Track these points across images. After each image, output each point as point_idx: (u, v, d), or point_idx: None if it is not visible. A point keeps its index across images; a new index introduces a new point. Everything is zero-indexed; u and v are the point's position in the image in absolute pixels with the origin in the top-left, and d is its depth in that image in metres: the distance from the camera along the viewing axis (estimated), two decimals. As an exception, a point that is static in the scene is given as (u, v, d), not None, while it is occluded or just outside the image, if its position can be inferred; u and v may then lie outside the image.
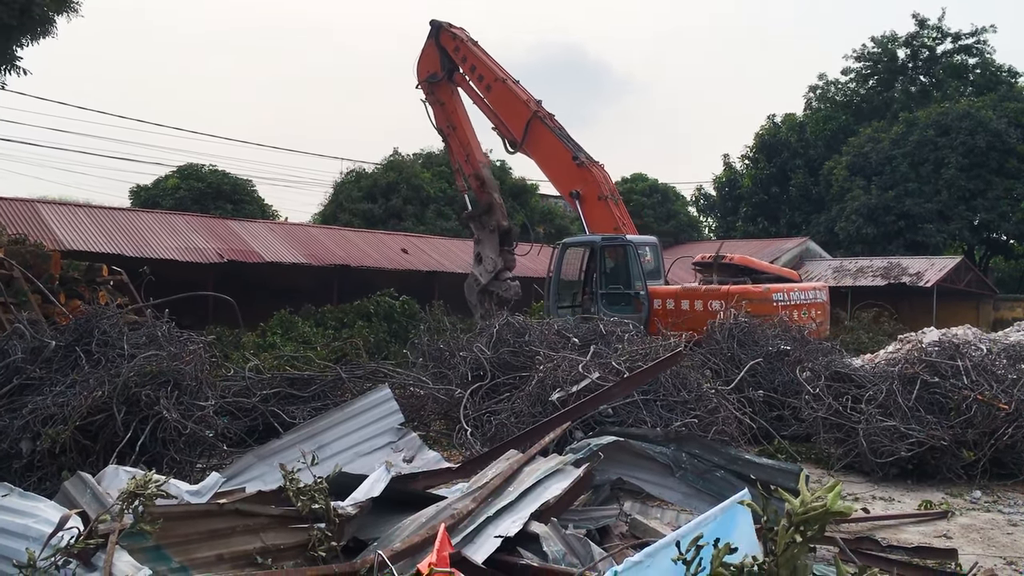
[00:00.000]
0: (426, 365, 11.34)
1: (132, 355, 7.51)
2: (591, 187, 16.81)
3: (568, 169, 17.08)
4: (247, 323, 14.88)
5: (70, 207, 23.95)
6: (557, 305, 16.09)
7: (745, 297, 14.26)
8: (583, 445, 6.03)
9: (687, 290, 15.91)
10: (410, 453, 7.05)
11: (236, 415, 8.55)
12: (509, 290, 18.30)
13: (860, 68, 46.25)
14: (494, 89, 18.06)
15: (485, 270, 18.31)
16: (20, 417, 6.95)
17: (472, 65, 18.46)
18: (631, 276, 15.93)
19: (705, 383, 9.10)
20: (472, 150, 18.90)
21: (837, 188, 39.58)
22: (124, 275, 12.15)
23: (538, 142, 17.58)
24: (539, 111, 17.49)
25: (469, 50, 18.51)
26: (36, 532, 4.00)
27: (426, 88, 19.22)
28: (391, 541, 4.37)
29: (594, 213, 16.79)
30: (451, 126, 19.01)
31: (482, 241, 18.70)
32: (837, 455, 9.03)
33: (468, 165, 18.94)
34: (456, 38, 18.68)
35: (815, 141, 43.88)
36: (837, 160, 40.57)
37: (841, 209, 38.79)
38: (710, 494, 5.75)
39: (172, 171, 36.28)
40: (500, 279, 18.33)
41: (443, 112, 19.07)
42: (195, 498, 4.74)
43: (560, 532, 4.58)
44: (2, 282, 9.90)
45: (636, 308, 15.34)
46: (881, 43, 45.24)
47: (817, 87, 47.62)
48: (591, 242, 16.30)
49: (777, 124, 45.97)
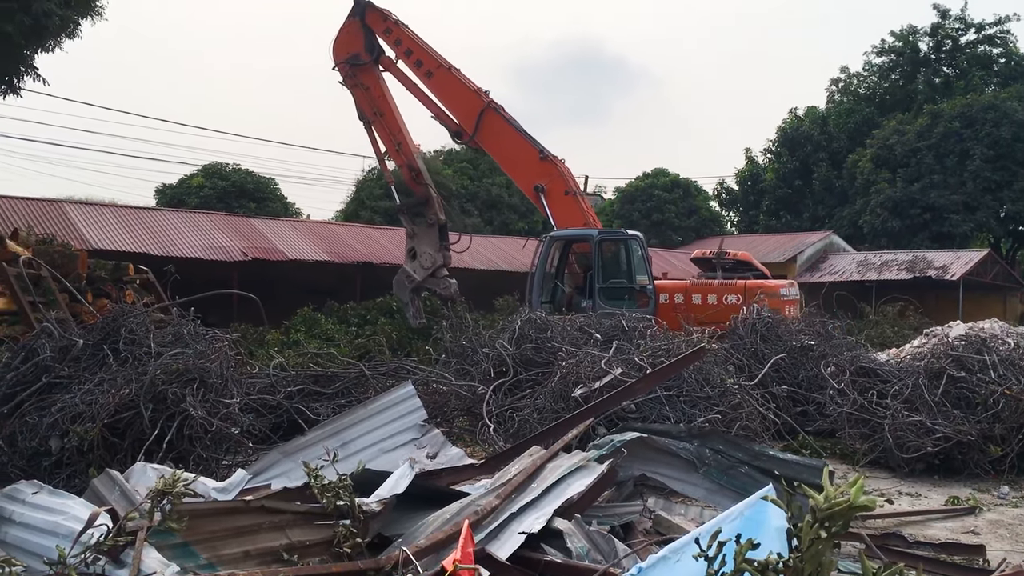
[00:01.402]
0: (449, 361, 11.37)
1: (159, 353, 7.59)
2: (557, 182, 16.47)
3: (531, 163, 16.64)
4: (271, 320, 14.98)
5: (96, 207, 24.19)
6: (540, 300, 15.74)
7: (761, 291, 14.50)
8: (606, 441, 6.03)
9: (697, 284, 15.91)
10: (433, 450, 7.07)
11: (261, 412, 8.63)
12: (448, 288, 17.60)
13: (883, 61, 45.88)
14: (436, 76, 17.16)
15: (421, 266, 17.52)
16: (49, 415, 7.04)
17: (408, 49, 17.41)
18: (634, 270, 15.86)
19: (728, 379, 9.07)
20: (403, 139, 17.81)
21: (861, 181, 39.27)
22: (150, 274, 12.27)
23: (494, 134, 16.95)
24: (492, 102, 16.90)
25: (404, 33, 17.47)
26: (66, 529, 4.05)
27: (345, 70, 17.82)
28: (415, 537, 4.40)
29: (561, 208, 16.43)
30: (378, 112, 17.71)
31: (418, 236, 17.80)
32: (863, 451, 8.97)
33: (399, 155, 17.83)
34: (388, 18, 17.56)
35: (838, 134, 43.55)
36: (861, 153, 40.25)
37: (865, 202, 38.49)
38: (734, 490, 5.73)
39: (197, 170, 36.62)
40: (437, 276, 17.63)
41: (367, 97, 17.74)
42: (222, 495, 4.79)
43: (584, 528, 4.59)
44: (31, 282, 10.03)
45: (639, 303, 15.16)
46: (903, 35, 44.84)
47: (839, 80, 47.30)
48: (587, 236, 15.96)
49: (799, 117, 45.66)
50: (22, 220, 19.57)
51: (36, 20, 11.40)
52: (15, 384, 7.61)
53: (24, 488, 4.52)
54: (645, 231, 40.07)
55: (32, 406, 7.34)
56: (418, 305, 17.80)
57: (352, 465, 5.20)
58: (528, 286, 16.11)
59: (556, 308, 15.75)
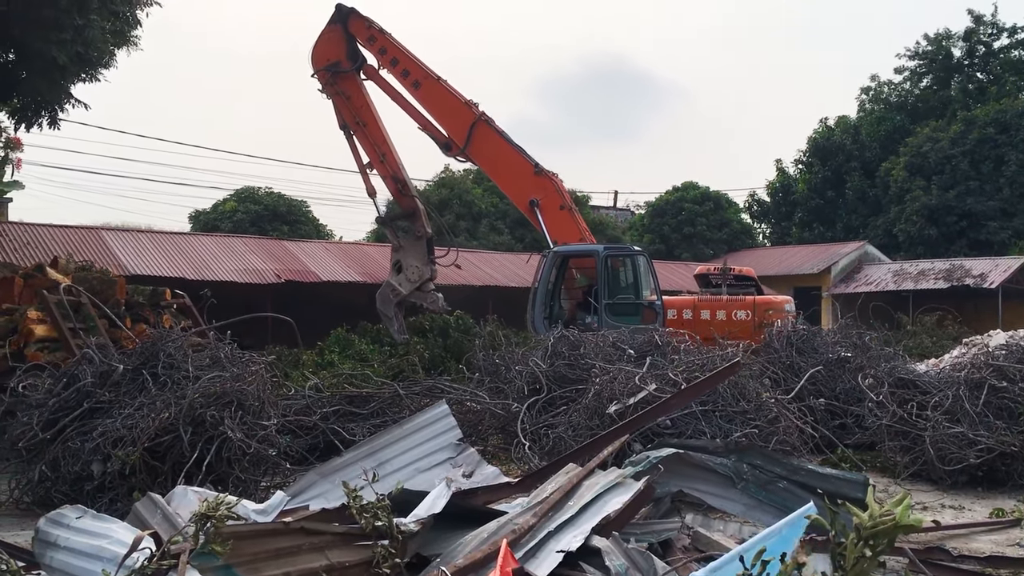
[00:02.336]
0: (482, 380, 11.39)
1: (197, 377, 7.69)
2: (551, 197, 16.35)
3: (526, 177, 16.47)
4: (305, 342, 15.09)
5: (133, 233, 24.56)
6: (543, 316, 15.64)
7: (770, 307, 14.78)
8: (642, 458, 6.00)
9: (706, 300, 15.88)
10: (469, 468, 7.06)
11: (297, 433, 8.71)
12: (436, 302, 17.40)
13: (914, 67, 45.48)
14: (424, 86, 16.82)
15: (407, 280, 17.26)
16: (91, 440, 7.16)
17: (393, 58, 17.03)
18: (641, 286, 15.77)
19: (764, 392, 8.99)
20: (388, 150, 17.37)
21: (895, 190, 38.88)
22: (186, 298, 12.43)
23: (487, 148, 16.71)
24: (483, 114, 16.67)
25: (389, 42, 17.06)
26: (110, 553, 4.11)
27: (324, 78, 17.34)
28: (454, 557, 4.41)
29: (556, 223, 16.30)
30: (360, 122, 17.30)
31: (404, 249, 17.50)
32: (903, 463, 8.85)
33: (384, 166, 17.43)
34: (372, 26, 17.07)
35: (870, 143, 43.17)
36: (894, 161, 39.87)
37: (900, 211, 38.10)
38: (773, 505, 5.68)
39: (229, 194, 37.07)
40: (424, 290, 17.41)
41: (349, 106, 17.30)
42: (261, 517, 4.83)
43: (622, 546, 4.57)
44: (71, 308, 10.20)
45: (646, 318, 15.06)
46: (935, 40, 44.45)
47: (870, 88, 46.97)
48: (593, 251, 15.89)
49: (830, 127, 45.33)
50: (61, 248, 19.93)
51: (86, 48, 11.67)
52: (57, 410, 7.74)
53: (68, 512, 4.59)
54: (676, 245, 40.28)
55: (74, 431, 7.47)
56: (401, 320, 17.56)
57: (388, 485, 5.21)
58: (530, 302, 16.02)
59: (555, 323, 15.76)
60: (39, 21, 10.81)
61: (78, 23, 11.02)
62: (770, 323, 14.03)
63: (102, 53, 12.39)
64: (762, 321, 14.51)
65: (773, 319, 14.32)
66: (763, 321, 14.48)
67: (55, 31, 10.83)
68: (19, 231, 21.44)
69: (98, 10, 11.55)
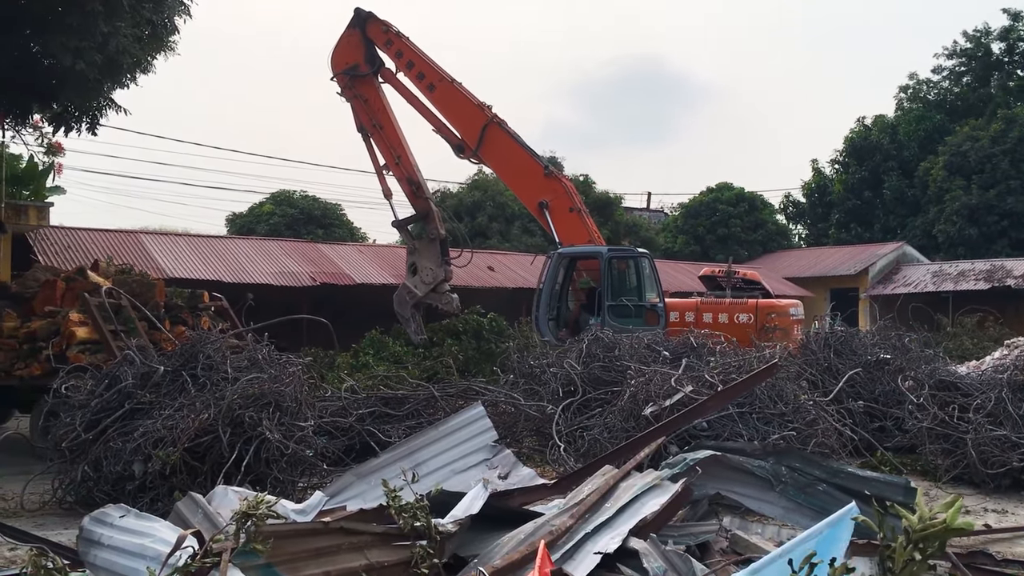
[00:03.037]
0: (517, 382, 11.39)
1: (235, 378, 7.78)
2: (561, 199, 16.29)
3: (536, 179, 16.46)
4: (340, 344, 15.19)
5: (171, 236, 24.88)
6: (547, 318, 15.66)
7: (773, 311, 14.78)
8: (679, 460, 5.97)
9: (708, 302, 15.85)
10: (505, 470, 7.08)
11: (334, 435, 8.76)
12: (451, 303, 17.40)
13: (953, 65, 44.84)
14: (438, 89, 16.91)
15: (422, 282, 17.25)
16: (132, 440, 7.27)
17: (410, 61, 17.13)
18: (644, 288, 15.76)
19: (802, 395, 8.91)
20: (403, 152, 17.48)
21: (934, 189, 38.34)
22: (224, 301, 12.56)
23: (498, 150, 16.74)
24: (495, 117, 16.70)
25: (405, 45, 17.19)
26: (153, 551, 4.17)
27: (344, 81, 17.52)
28: (491, 558, 4.41)
29: (565, 225, 16.22)
30: (377, 125, 17.38)
31: (419, 251, 17.53)
32: (944, 467, 8.73)
33: (399, 168, 17.43)
34: (389, 30, 17.19)
35: (908, 142, 42.57)
36: (933, 161, 39.31)
37: (939, 211, 37.57)
38: (812, 508, 5.62)
39: (265, 198, 37.43)
40: (439, 291, 17.38)
41: (366, 109, 17.43)
42: (300, 516, 4.87)
43: (660, 548, 4.55)
44: (112, 311, 10.35)
45: (648, 321, 15.05)
46: (973, 38, 43.79)
47: (908, 87, 46.31)
48: (597, 253, 15.85)
49: (867, 126, 44.77)
50: (101, 251, 20.23)
51: (110, 59, 11.74)
52: (99, 410, 7.87)
53: (112, 511, 4.66)
54: (711, 246, 40.02)
55: (116, 431, 7.59)
56: (419, 321, 17.63)
57: (425, 486, 5.23)
58: (535, 303, 16.04)
59: (561, 325, 15.77)
60: (62, 27, 10.89)
61: (104, 31, 11.09)
62: (772, 327, 14.12)
63: (131, 62, 12.46)
64: (764, 325, 14.55)
65: (776, 323, 14.45)
66: (765, 325, 14.54)
67: (77, 38, 10.91)
68: (60, 235, 21.80)
69: (128, 18, 11.63)
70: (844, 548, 3.15)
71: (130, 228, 25.86)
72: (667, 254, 38.99)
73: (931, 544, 2.59)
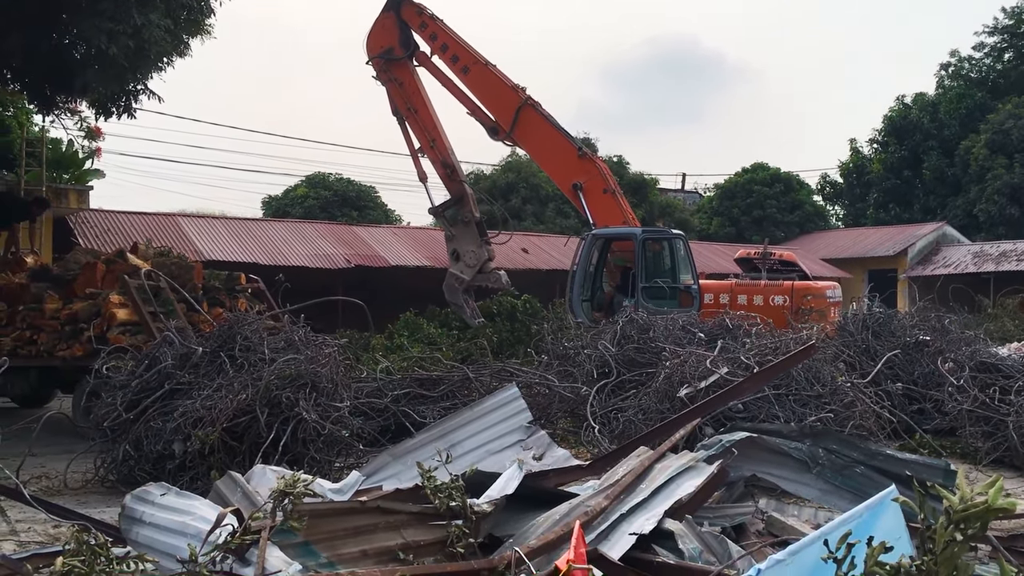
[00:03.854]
0: (551, 363, 11.39)
1: (272, 359, 7.84)
2: (595, 180, 16.23)
3: (570, 160, 16.42)
4: (374, 326, 15.29)
5: (208, 219, 25.14)
6: (581, 299, 15.64)
7: (809, 293, 14.87)
8: (715, 442, 5.94)
9: (743, 284, 15.80)
10: (539, 451, 7.09)
11: (369, 415, 8.81)
12: (499, 280, 17.34)
13: (995, 42, 43.88)
14: (472, 72, 16.90)
15: (467, 265, 17.25)
16: (172, 420, 7.36)
17: (444, 44, 17.14)
18: (678, 269, 15.70)
19: (840, 376, 8.81)
20: (438, 135, 17.46)
21: (976, 168, 37.66)
22: (260, 283, 12.66)
23: (532, 131, 16.71)
24: (530, 98, 16.64)
25: (439, 28, 17.18)
26: (193, 529, 4.23)
27: (379, 65, 17.55)
28: (526, 538, 4.42)
29: (599, 206, 16.18)
30: (411, 108, 17.42)
31: (456, 236, 17.53)
32: (985, 449, 8.61)
33: (433, 151, 17.48)
34: (423, 13, 17.25)
35: (949, 121, 41.78)
36: (974, 139, 38.57)
37: (981, 190, 36.92)
38: (850, 491, 5.56)
39: (300, 180, 37.70)
40: (485, 271, 17.34)
41: (401, 93, 17.49)
42: (337, 496, 4.91)
43: (695, 529, 4.53)
44: (151, 292, 10.48)
45: (683, 302, 15.00)
46: (1015, 14, 42.82)
47: (949, 64, 45.40)
48: (631, 234, 15.79)
49: (907, 105, 43.99)
50: (140, 234, 20.52)
51: (140, 48, 11.81)
52: (140, 391, 7.98)
53: (153, 490, 4.73)
54: (746, 228, 39.64)
55: (156, 411, 7.69)
56: (473, 305, 17.65)
57: (460, 466, 5.26)
58: (569, 284, 16.03)
59: (595, 307, 15.73)
60: (96, 11, 10.97)
61: (137, 22, 11.17)
62: (808, 309, 14.06)
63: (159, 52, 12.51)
64: (799, 307, 14.56)
65: (812, 305, 14.46)
66: (800, 307, 14.55)
67: (110, 21, 10.99)
68: (100, 218, 22.12)
69: (161, 8, 11.71)
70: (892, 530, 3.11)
71: (168, 211, 26.21)
72: (702, 236, 38.70)
73: (972, 525, 2.55)
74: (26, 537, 6.09)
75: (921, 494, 2.75)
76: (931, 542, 2.59)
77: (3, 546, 5.67)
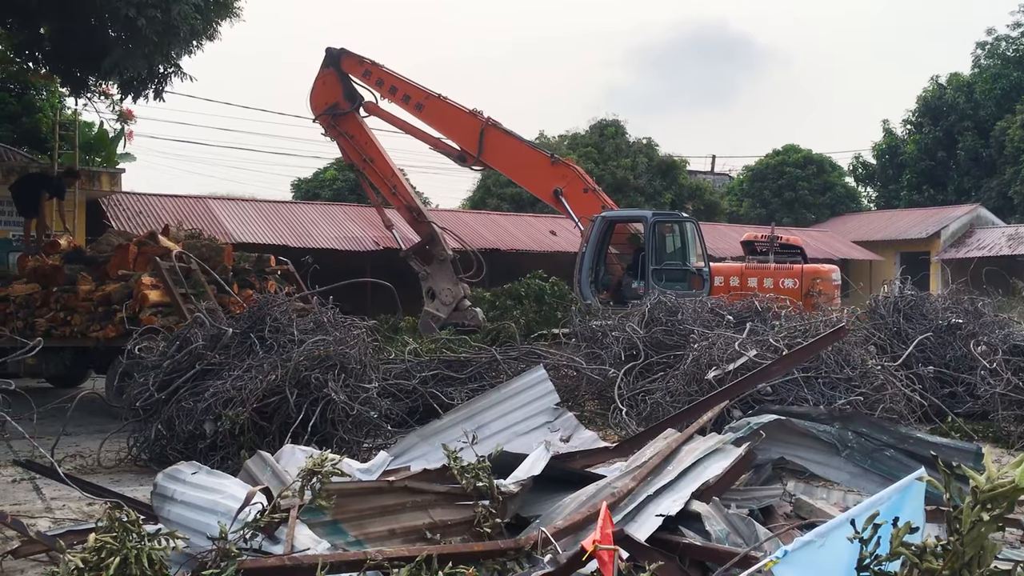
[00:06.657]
0: (579, 346, 11.38)
1: (301, 340, 7.90)
2: (573, 182, 16.24)
3: (544, 169, 16.43)
4: (403, 308, 15.36)
5: (238, 202, 25.32)
6: (588, 281, 15.62)
7: (817, 276, 15.15)
8: (742, 424, 5.91)
9: (753, 267, 15.89)
10: (567, 433, 7.09)
11: (397, 397, 8.86)
12: (475, 318, 17.08)
13: (1032, 19, 42.96)
14: (427, 107, 16.85)
15: (442, 303, 17.07)
16: (203, 400, 7.46)
17: (392, 86, 17.10)
18: (689, 252, 15.73)
19: (870, 359, 8.74)
20: (398, 181, 17.59)
21: (1011, 149, 37.01)
22: (290, 265, 12.75)
23: (500, 150, 16.65)
24: (490, 119, 16.54)
25: (384, 72, 17.15)
26: (224, 507, 4.28)
27: (327, 122, 17.45)
28: (553, 519, 4.44)
29: (583, 206, 16.17)
30: (367, 159, 17.44)
31: (432, 275, 17.36)
32: (1017, 433, 8.51)
33: (396, 198, 17.52)
34: (364, 61, 17.19)
35: (985, 101, 41.02)
36: (1011, 120, 37.88)
37: (1016, 172, 36.30)
38: (879, 474, 5.52)
39: (329, 163, 37.78)
40: (461, 309, 17.15)
41: (354, 145, 17.46)
42: (366, 476, 4.95)
43: (723, 511, 4.52)
44: (182, 274, 10.59)
45: (693, 285, 15.03)
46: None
47: (986, 43, 44.43)
48: (641, 217, 15.96)
49: (942, 85, 43.22)
50: (171, 216, 20.71)
51: (170, 24, 11.85)
52: (171, 371, 8.09)
53: (184, 468, 4.79)
54: (777, 210, 39.27)
55: (187, 392, 7.79)
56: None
57: (487, 448, 5.28)
58: (577, 267, 16.06)
59: (600, 288, 15.76)
60: None
61: None
62: (817, 291, 14.17)
63: (189, 28, 12.54)
64: (809, 290, 14.77)
65: (820, 288, 14.71)
66: (810, 290, 14.75)
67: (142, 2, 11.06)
68: (131, 201, 22.36)
69: None
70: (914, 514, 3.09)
71: (199, 194, 26.44)
72: (732, 218, 38.40)
73: (999, 505, 2.52)
74: (60, 514, 6.22)
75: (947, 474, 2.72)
76: (958, 522, 2.57)
77: (38, 523, 5.78)
